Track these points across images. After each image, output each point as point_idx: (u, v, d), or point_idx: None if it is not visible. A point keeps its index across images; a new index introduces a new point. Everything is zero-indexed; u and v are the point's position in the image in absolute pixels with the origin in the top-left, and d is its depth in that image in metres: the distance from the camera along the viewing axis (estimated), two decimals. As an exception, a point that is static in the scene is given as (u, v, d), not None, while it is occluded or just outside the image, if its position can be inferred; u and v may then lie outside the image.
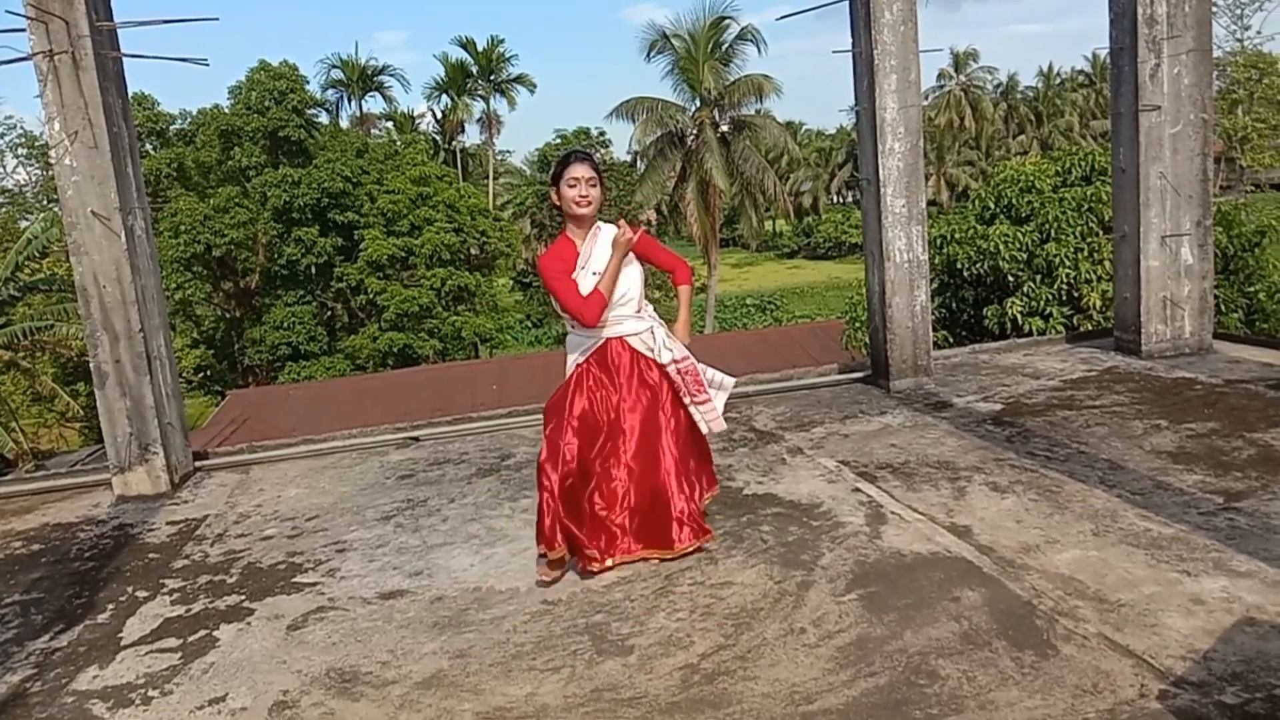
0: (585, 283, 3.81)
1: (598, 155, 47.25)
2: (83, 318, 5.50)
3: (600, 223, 3.93)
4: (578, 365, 3.91)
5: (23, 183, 35.89)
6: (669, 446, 3.88)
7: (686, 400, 3.92)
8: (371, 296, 32.86)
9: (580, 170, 3.81)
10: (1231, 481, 4.20)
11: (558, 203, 3.88)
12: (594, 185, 3.83)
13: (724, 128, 36.59)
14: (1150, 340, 6.67)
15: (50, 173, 32.67)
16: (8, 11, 5.06)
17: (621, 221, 3.92)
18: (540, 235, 40.28)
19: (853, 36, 6.38)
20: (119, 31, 5.55)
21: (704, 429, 3.98)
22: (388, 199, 33.14)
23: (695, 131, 36.27)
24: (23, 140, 34.63)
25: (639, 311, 3.93)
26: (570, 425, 3.77)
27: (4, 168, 35.32)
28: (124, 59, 5.60)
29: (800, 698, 2.82)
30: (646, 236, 4.02)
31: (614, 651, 3.20)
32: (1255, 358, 6.43)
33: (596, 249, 3.87)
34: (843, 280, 52.17)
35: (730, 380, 4.11)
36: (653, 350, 3.89)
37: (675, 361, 3.90)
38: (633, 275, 3.88)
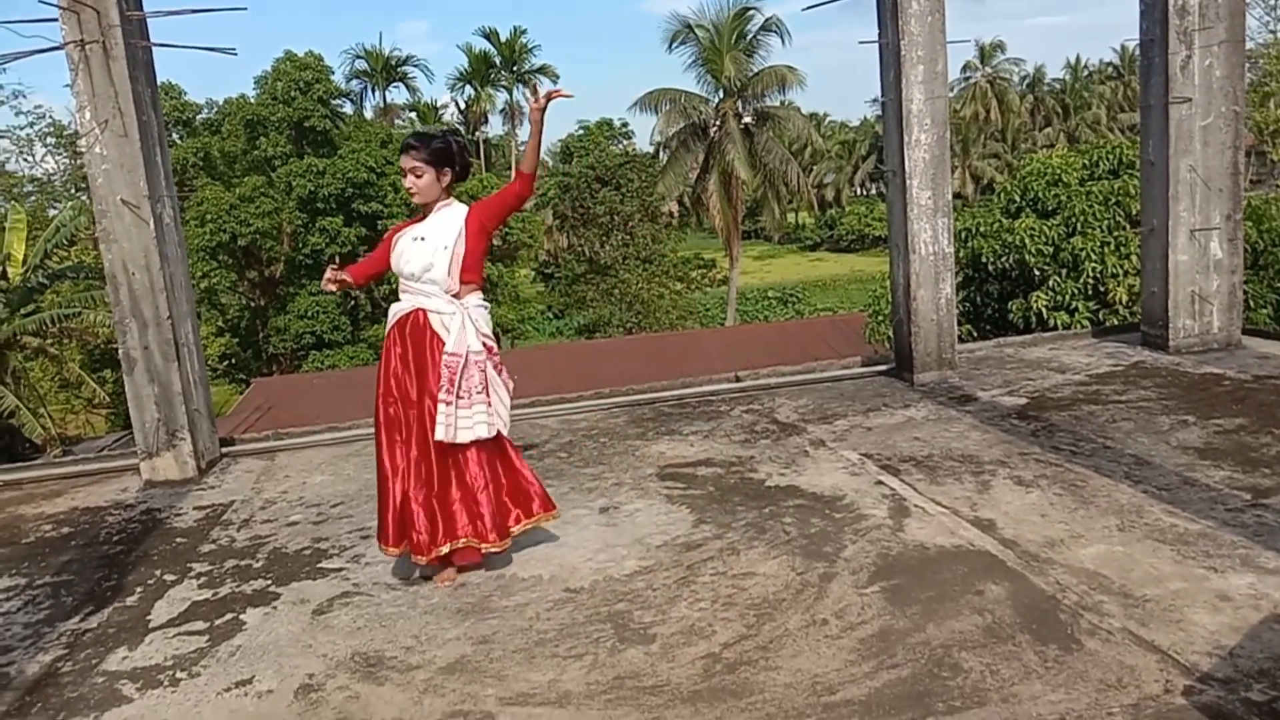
0: (399, 245, 3.84)
1: (621, 145, 47.21)
2: (112, 304, 5.56)
3: (456, 202, 3.89)
4: (389, 329, 3.91)
5: (51, 171, 36.28)
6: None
7: (440, 394, 3.68)
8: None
9: (404, 161, 3.81)
10: (1260, 478, 4.16)
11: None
12: (419, 174, 3.77)
13: (747, 119, 36.48)
14: (1178, 335, 6.61)
15: (79, 161, 33.09)
16: (40, 1, 5.11)
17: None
18: (562, 226, 40.28)
19: (879, 27, 6.34)
20: (148, 20, 5.60)
21: (440, 433, 3.69)
22: (411, 189, 33.19)
23: (718, 123, 36.18)
24: (51, 129, 35.00)
25: (454, 296, 3.80)
26: (379, 401, 3.84)
27: (33, 156, 35.70)
28: (153, 48, 5.64)
29: (822, 688, 2.83)
30: (482, 204, 3.87)
31: (636, 640, 3.21)
32: (1285, 354, 6.36)
33: (431, 218, 3.84)
34: (865, 273, 51.96)
35: (505, 406, 3.89)
36: (448, 336, 3.75)
37: (452, 354, 3.72)
38: (438, 248, 3.76)
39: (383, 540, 3.84)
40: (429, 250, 3.77)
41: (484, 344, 3.82)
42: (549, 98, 3.84)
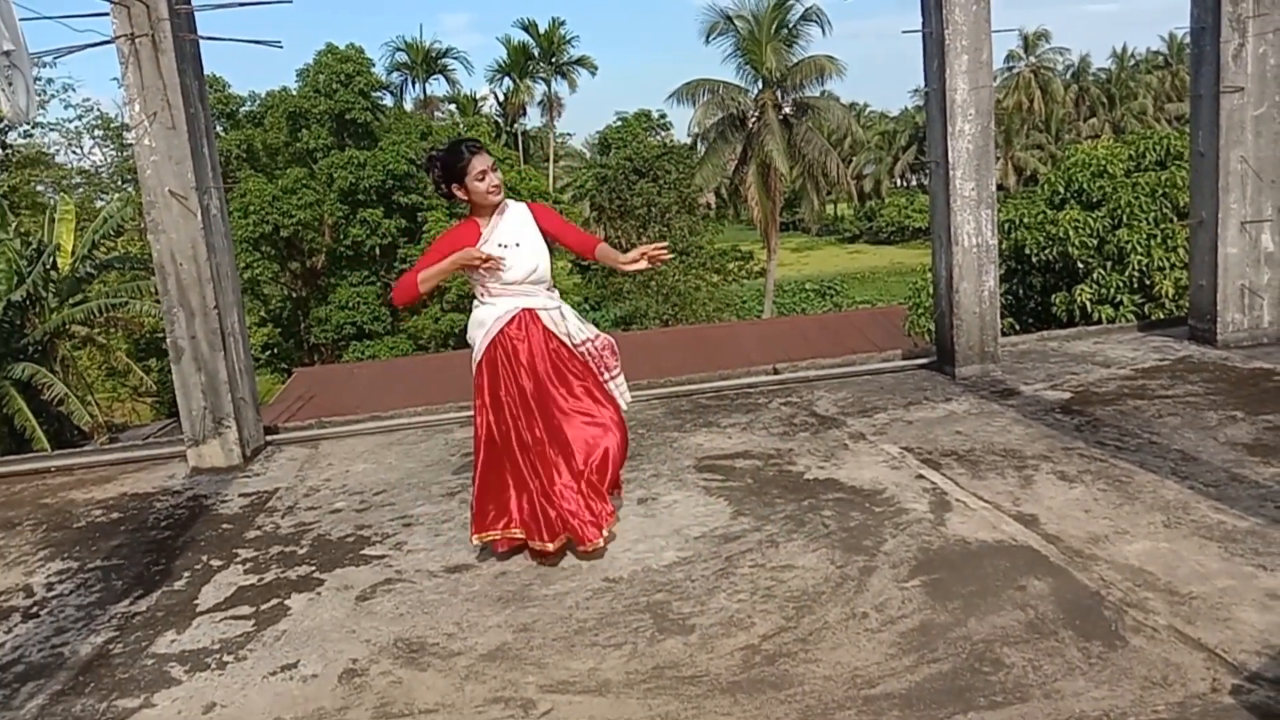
0: (495, 253, 3.80)
1: (658, 137, 47.16)
2: (160, 294, 5.66)
3: (508, 201, 3.95)
4: (492, 339, 3.87)
5: (99, 163, 36.96)
6: (573, 431, 3.87)
7: (605, 375, 4.00)
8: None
9: (484, 161, 3.78)
10: (1311, 475, 4.08)
11: (462, 198, 3.85)
12: (496, 170, 3.84)
13: (786, 110, 36.25)
14: (1226, 329, 6.48)
15: (126, 153, 33.71)
16: (92, -4, 5.21)
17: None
18: (600, 218, 40.31)
19: (923, 16, 6.27)
20: (195, 14, 5.68)
21: (623, 403, 4.06)
22: (451, 181, 33.39)
23: (757, 114, 35.99)
24: (99, 122, 35.65)
25: (551, 291, 3.99)
26: (487, 404, 3.89)
27: (81, 149, 36.40)
28: (200, 41, 5.73)
29: (862, 681, 2.82)
30: (546, 209, 4.03)
31: (675, 630, 3.22)
32: (1338, 349, 6.22)
33: (505, 221, 3.88)
34: (905, 265, 51.51)
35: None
36: (562, 331, 3.94)
37: (590, 340, 4.00)
38: (538, 249, 3.89)
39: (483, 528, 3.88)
40: (530, 255, 3.86)
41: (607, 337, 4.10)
42: (645, 256, 3.85)
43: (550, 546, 3.77)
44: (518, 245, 3.85)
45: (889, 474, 4.57)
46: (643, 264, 3.85)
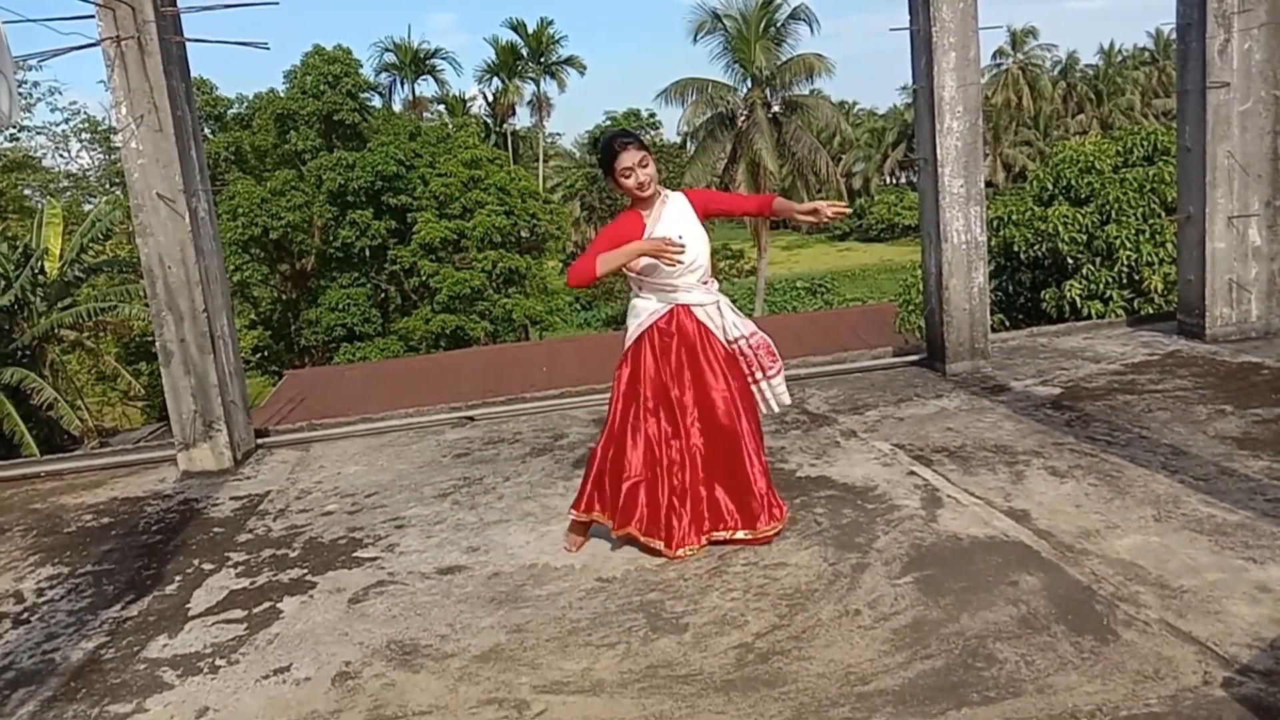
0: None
1: (646, 135, 47.17)
2: (148, 298, 5.64)
3: (666, 191, 3.87)
4: (642, 331, 3.84)
5: (86, 167, 36.82)
6: (738, 422, 3.83)
7: (759, 376, 3.87)
8: (424, 279, 33.21)
9: (631, 158, 3.72)
10: (1300, 468, 4.10)
11: (618, 191, 3.83)
12: (645, 166, 3.74)
13: (775, 108, 36.27)
14: (1215, 324, 6.52)
15: (114, 156, 33.56)
16: (78, -2, 5.18)
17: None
18: (590, 218, 40.38)
19: (910, 13, 6.28)
20: (181, 16, 5.66)
21: (773, 407, 3.93)
22: (440, 182, 33.40)
23: (746, 112, 36.00)
24: (86, 125, 35.50)
25: (706, 283, 3.87)
26: (630, 398, 3.81)
27: (68, 152, 36.24)
28: (187, 43, 5.70)
29: (855, 678, 2.83)
30: (704, 192, 3.96)
31: (669, 629, 3.22)
32: (1325, 342, 6.26)
33: (666, 213, 3.81)
34: (895, 263, 51.59)
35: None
36: (718, 326, 3.85)
37: (744, 337, 3.86)
38: (701, 242, 3.80)
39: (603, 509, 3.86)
40: (692, 246, 3.72)
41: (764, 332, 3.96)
42: (819, 211, 3.81)
43: (650, 542, 3.77)
44: (680, 237, 3.72)
45: (881, 471, 4.58)
46: (814, 217, 3.81)
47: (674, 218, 3.81)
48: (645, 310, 3.85)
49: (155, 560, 4.31)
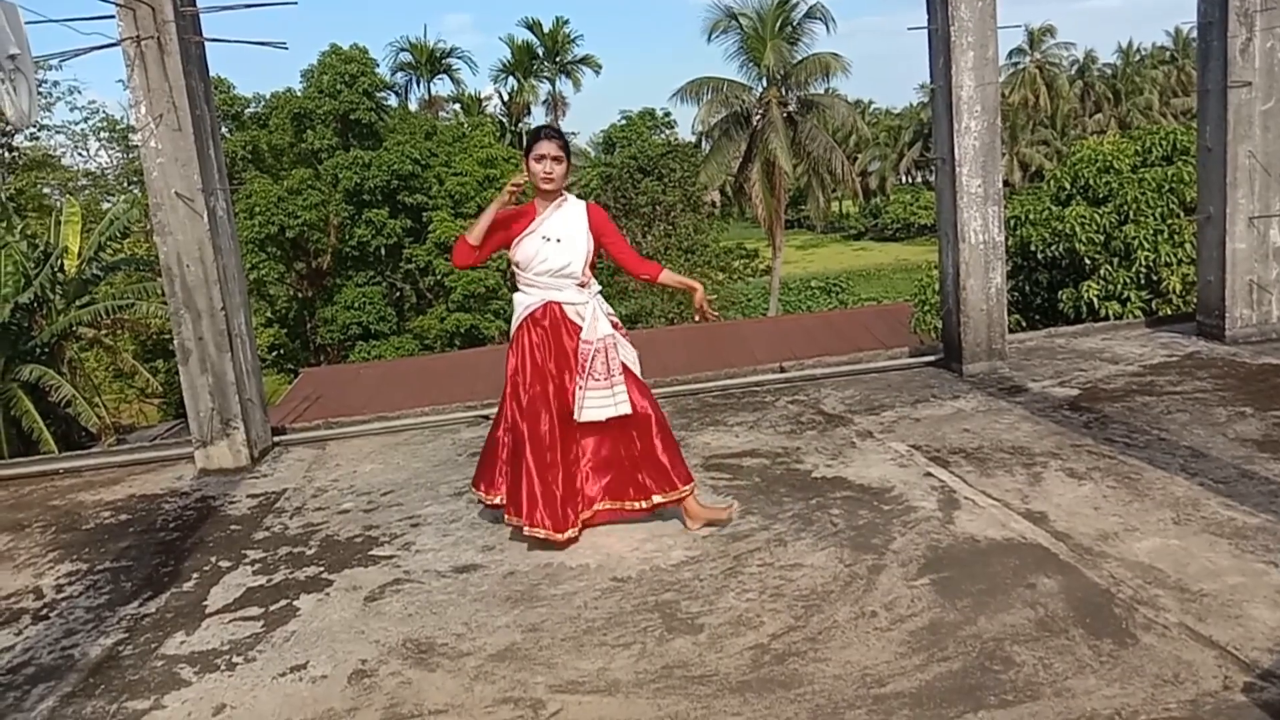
0: (531, 245, 4.02)
1: (662, 135, 47.14)
2: (167, 296, 5.67)
3: (570, 195, 4.15)
4: (520, 322, 4.10)
5: (105, 165, 37.05)
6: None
7: (580, 380, 3.99)
8: (439, 277, 33.29)
9: (546, 147, 3.99)
10: (1322, 471, 4.07)
11: (527, 174, 4.04)
12: (559, 162, 4.00)
13: (790, 107, 36.17)
14: (1235, 325, 6.46)
15: (132, 155, 33.76)
16: (99, -1, 5.22)
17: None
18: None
19: (929, 13, 6.25)
20: (200, 16, 5.68)
21: (576, 414, 4.01)
22: (455, 181, 33.48)
23: (761, 112, 35.93)
24: (105, 124, 35.73)
25: (583, 285, 4.09)
26: (514, 386, 4.07)
27: (87, 151, 36.48)
28: (206, 43, 5.73)
29: (872, 680, 2.82)
30: (606, 219, 4.17)
31: (684, 629, 3.22)
32: (1347, 344, 6.20)
33: (559, 214, 4.07)
34: (910, 262, 51.42)
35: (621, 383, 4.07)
36: (587, 324, 4.03)
37: (587, 342, 4.00)
38: (576, 248, 4.04)
39: (486, 489, 4.24)
40: (567, 251, 4.03)
41: (612, 323, 4.12)
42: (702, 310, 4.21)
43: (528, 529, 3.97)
44: (558, 241, 4.03)
45: (897, 472, 4.56)
46: (694, 299, 4.23)
47: (563, 219, 4.07)
48: (522, 304, 4.12)
49: (173, 557, 4.33)
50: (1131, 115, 63.08)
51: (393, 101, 41.28)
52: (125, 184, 35.60)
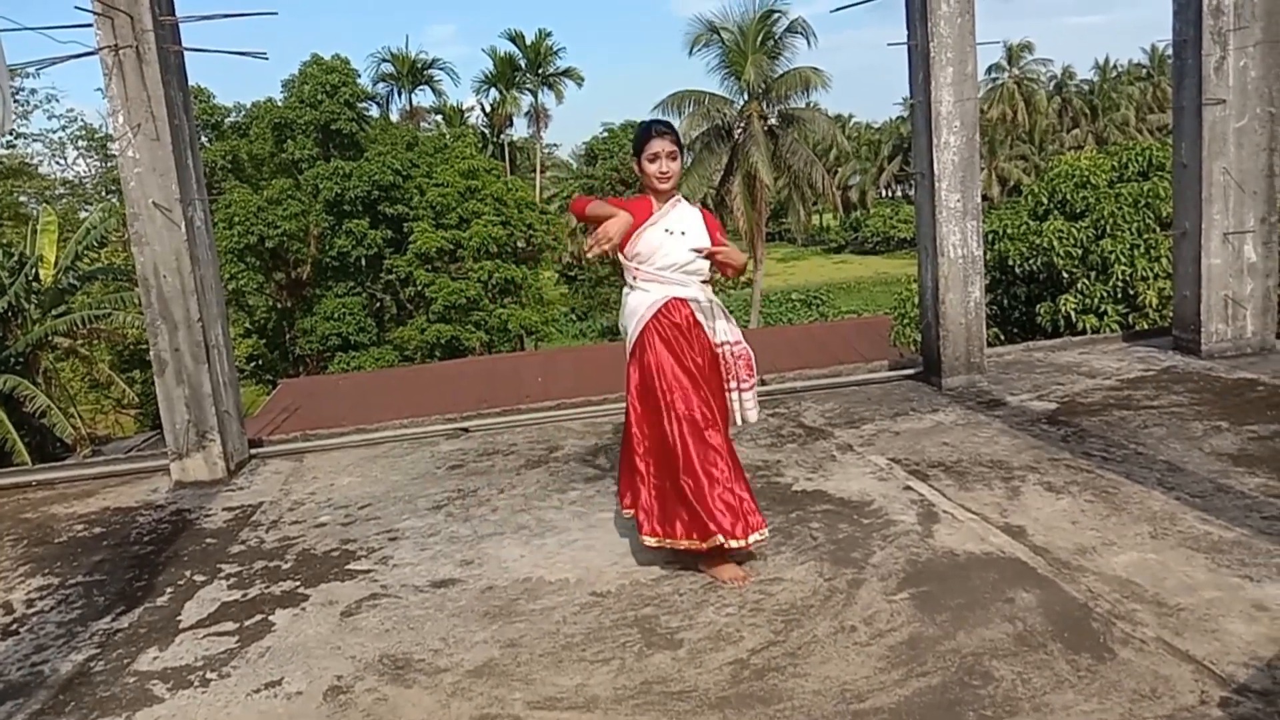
0: (654, 237, 3.74)
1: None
2: (143, 307, 5.61)
3: (683, 199, 3.89)
4: (644, 323, 3.76)
5: (82, 174, 36.80)
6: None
7: (732, 385, 3.81)
8: (420, 288, 33.23)
9: (659, 145, 3.74)
10: (1296, 485, 4.10)
11: (639, 174, 3.83)
12: (674, 159, 3.76)
13: (771, 121, 36.35)
14: (1210, 340, 6.52)
15: (110, 164, 33.54)
16: (76, 8, 5.18)
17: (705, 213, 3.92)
18: (586, 229, 40.31)
19: (909, 29, 6.30)
20: (180, 25, 5.65)
21: (737, 420, 3.87)
22: (437, 192, 33.46)
23: (742, 125, 36.08)
24: (83, 132, 35.49)
25: (706, 283, 3.86)
26: (646, 395, 3.76)
27: (64, 159, 36.25)
28: (185, 53, 5.70)
29: (851, 696, 2.81)
30: (716, 221, 3.96)
31: (663, 645, 3.20)
32: (1320, 359, 6.27)
33: (676, 211, 3.81)
34: (890, 276, 51.73)
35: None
36: (709, 326, 3.79)
37: (729, 344, 3.81)
38: (700, 244, 3.79)
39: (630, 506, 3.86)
40: (692, 245, 3.76)
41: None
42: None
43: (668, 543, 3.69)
44: (683, 234, 3.76)
45: (877, 485, 4.56)
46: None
47: (681, 217, 3.82)
48: (644, 302, 3.77)
49: (147, 571, 4.28)
50: (1108, 131, 63.81)
51: (374, 112, 41.27)
52: (103, 193, 35.36)
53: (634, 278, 3.82)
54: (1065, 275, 11.08)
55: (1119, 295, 10.75)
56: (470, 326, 33.19)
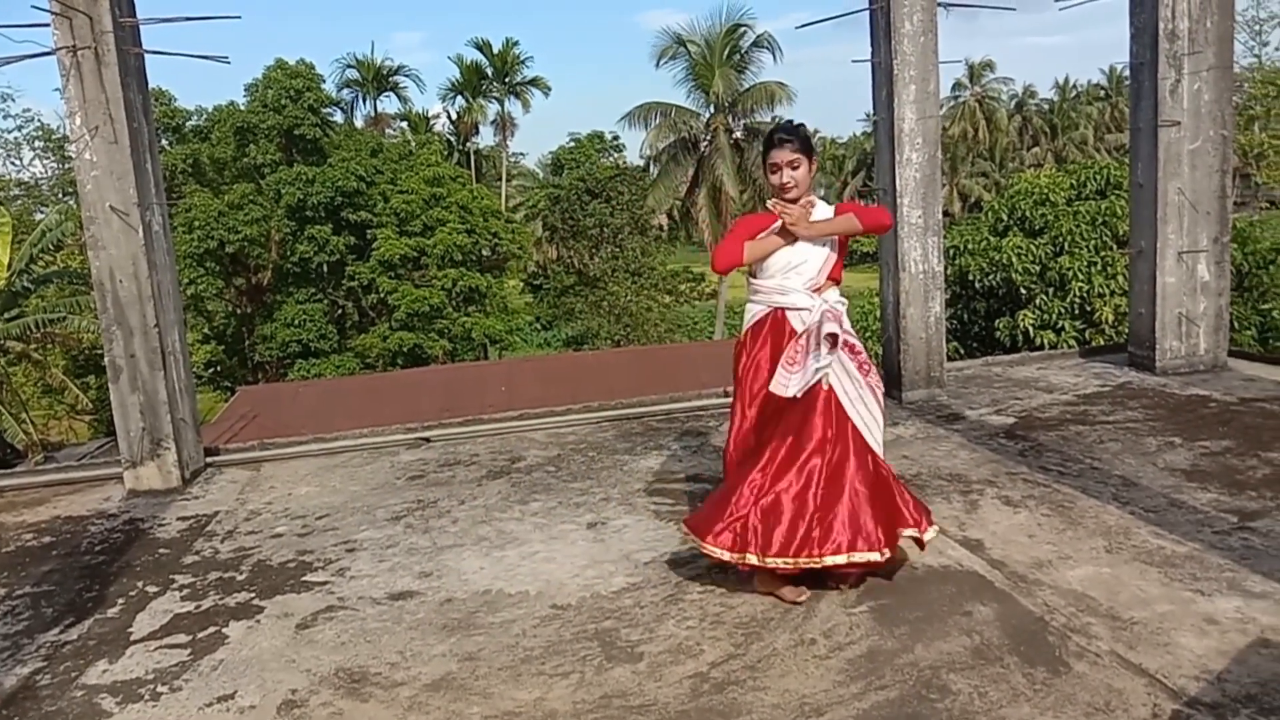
0: (793, 248, 3.67)
1: (611, 158, 47.30)
2: (99, 312, 5.52)
3: (818, 200, 3.73)
4: (746, 332, 3.80)
5: (39, 175, 36.12)
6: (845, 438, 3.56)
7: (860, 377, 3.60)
8: (383, 296, 32.98)
9: (779, 155, 3.62)
10: (1246, 501, 4.18)
11: (768, 188, 3.73)
12: (795, 167, 3.62)
13: (737, 134, 36.57)
14: (1165, 356, 6.64)
15: (67, 166, 32.94)
16: (33, 7, 5.09)
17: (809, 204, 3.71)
18: (552, 238, 40.31)
19: (872, 46, 6.37)
20: (140, 28, 5.57)
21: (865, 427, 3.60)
22: (401, 199, 33.25)
23: (708, 138, 36.27)
24: (39, 133, 34.85)
25: (815, 290, 3.69)
26: (741, 403, 3.74)
27: (20, 160, 35.59)
28: (145, 55, 5.62)
29: (810, 709, 2.81)
30: (853, 207, 3.71)
31: (623, 658, 3.19)
32: (1270, 376, 6.40)
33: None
34: (852, 289, 51.95)
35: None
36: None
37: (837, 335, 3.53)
38: (810, 252, 3.68)
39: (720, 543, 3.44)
40: (797, 251, 3.67)
41: (846, 340, 3.60)
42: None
43: (727, 556, 3.42)
44: (793, 241, 3.67)
45: (837, 498, 4.57)
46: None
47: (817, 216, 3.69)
48: (751, 315, 3.80)
49: (97, 582, 4.19)
50: (1067, 149, 64.83)
51: (339, 118, 40.95)
52: (60, 195, 34.72)
53: (752, 291, 3.81)
54: (1024, 291, 11.25)
55: (1076, 311, 10.94)
56: (433, 335, 32.98)
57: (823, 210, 3.72)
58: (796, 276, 3.69)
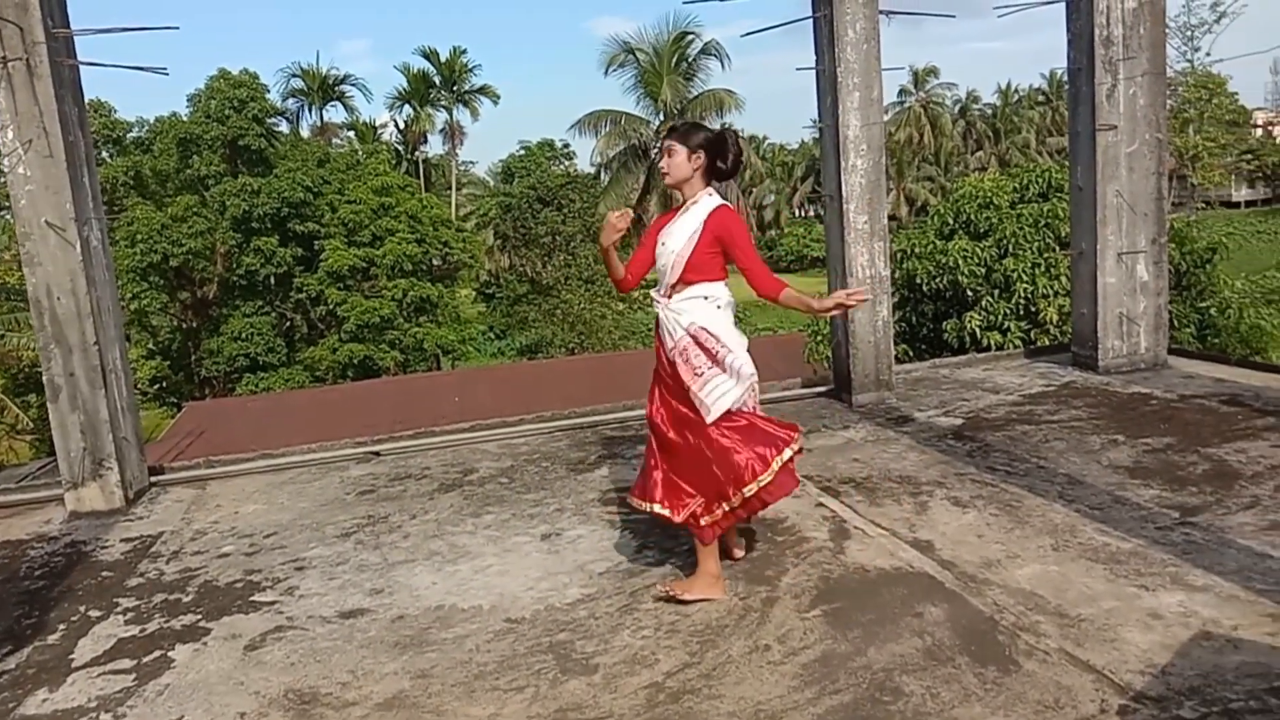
0: (659, 252, 3.76)
1: (562, 166, 47.28)
2: (36, 330, 5.38)
3: (705, 196, 3.73)
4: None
5: (-28, 189, 35.21)
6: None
7: (686, 384, 3.64)
8: (332, 307, 32.57)
9: (667, 141, 3.77)
10: (1187, 496, 4.27)
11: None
12: (670, 154, 3.72)
13: (687, 141, 36.66)
14: (1107, 355, 6.77)
15: (2, 181, 32.09)
16: (-40, 18, 4.95)
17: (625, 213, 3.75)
18: (504, 246, 40.14)
19: (817, 54, 6.43)
20: (75, 39, 5.45)
21: (708, 412, 3.67)
22: (349, 209, 32.90)
23: (659, 145, 36.36)
24: (-27, 146, 33.98)
25: (670, 290, 3.71)
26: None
27: (-47, 174, 34.62)
28: (81, 67, 5.50)
29: (765, 716, 2.82)
30: (733, 225, 3.68)
31: (578, 670, 3.17)
32: (1208, 373, 6.55)
33: (681, 217, 3.74)
34: (806, 293, 52.42)
35: (747, 371, 3.80)
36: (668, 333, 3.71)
37: (675, 341, 3.68)
38: (675, 254, 3.67)
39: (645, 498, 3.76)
40: (664, 254, 3.74)
41: (693, 334, 3.66)
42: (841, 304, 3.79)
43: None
44: (663, 244, 3.72)
45: (789, 502, 4.59)
46: (838, 312, 3.93)
47: (681, 224, 3.72)
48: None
49: (37, 607, 4.08)
50: (1010, 153, 65.96)
51: (284, 128, 40.42)
52: (-4, 209, 33.87)
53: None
54: (970, 293, 11.40)
55: (1021, 312, 11.10)
56: (384, 346, 32.63)
57: (702, 207, 3.69)
58: (659, 279, 3.81)
